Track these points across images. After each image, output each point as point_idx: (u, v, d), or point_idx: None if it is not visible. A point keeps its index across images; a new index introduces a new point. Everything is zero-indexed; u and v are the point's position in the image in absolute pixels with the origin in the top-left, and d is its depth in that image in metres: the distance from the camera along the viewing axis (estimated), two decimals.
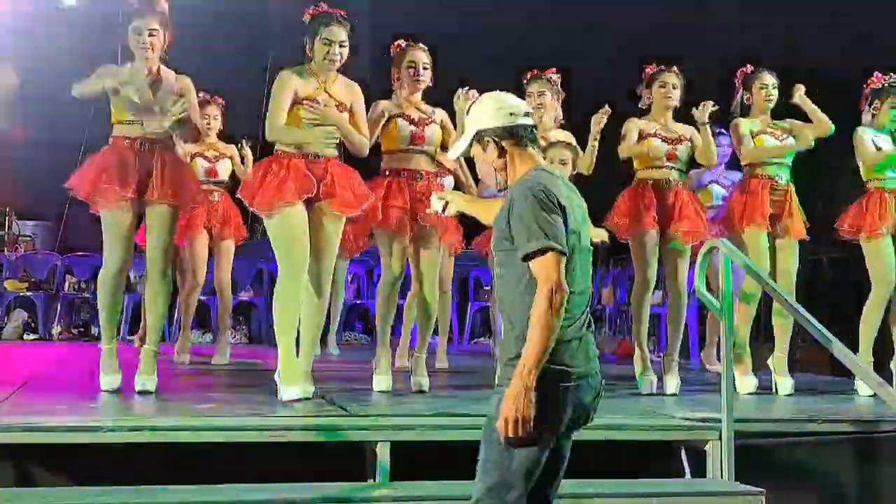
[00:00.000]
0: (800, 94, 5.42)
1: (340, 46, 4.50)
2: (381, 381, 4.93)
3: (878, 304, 5.44)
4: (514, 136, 2.83)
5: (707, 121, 5.22)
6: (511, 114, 2.83)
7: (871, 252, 5.46)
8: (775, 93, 5.48)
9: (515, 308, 2.70)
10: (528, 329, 2.59)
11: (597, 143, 5.12)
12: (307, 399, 4.34)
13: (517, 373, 2.57)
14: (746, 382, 5.29)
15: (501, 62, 8.51)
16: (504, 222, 2.72)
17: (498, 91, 2.98)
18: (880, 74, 5.61)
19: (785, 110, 5.58)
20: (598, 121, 5.10)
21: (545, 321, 2.57)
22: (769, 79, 5.47)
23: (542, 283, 2.60)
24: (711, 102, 5.25)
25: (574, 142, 5.16)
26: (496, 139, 2.83)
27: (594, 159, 5.12)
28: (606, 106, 5.14)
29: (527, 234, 2.64)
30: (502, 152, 2.84)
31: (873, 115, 5.59)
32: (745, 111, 5.55)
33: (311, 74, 4.53)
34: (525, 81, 5.37)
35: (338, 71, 4.59)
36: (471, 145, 2.90)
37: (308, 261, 4.42)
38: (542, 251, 2.61)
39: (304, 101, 4.44)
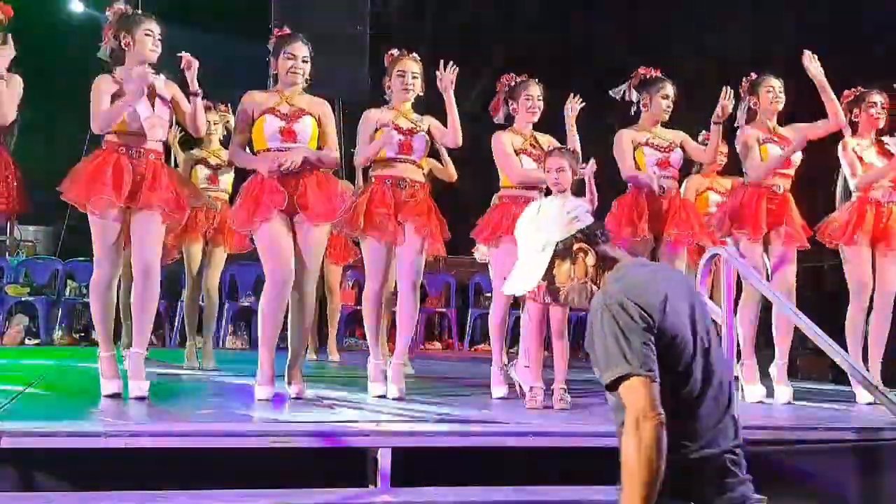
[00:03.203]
0: (815, 66, 5.27)
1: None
2: (375, 387, 4.94)
3: (857, 313, 5.40)
4: (594, 237, 2.47)
5: (722, 121, 5.22)
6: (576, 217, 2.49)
7: (847, 260, 5.45)
8: (782, 96, 5.45)
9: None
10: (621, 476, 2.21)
11: (575, 133, 5.13)
12: (299, 398, 4.55)
13: None
14: (754, 391, 5.25)
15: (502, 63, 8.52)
16: (590, 343, 2.38)
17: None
18: (849, 90, 5.61)
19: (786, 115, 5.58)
20: (570, 111, 5.12)
21: (635, 463, 2.19)
22: (776, 82, 5.45)
23: (628, 414, 2.25)
24: (728, 103, 5.22)
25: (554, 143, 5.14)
26: (585, 245, 2.44)
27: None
28: (572, 95, 5.15)
29: (605, 358, 2.30)
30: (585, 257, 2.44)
31: (854, 126, 5.59)
32: (752, 117, 5.51)
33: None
34: (513, 85, 5.22)
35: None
36: (549, 268, 2.48)
37: (293, 272, 4.56)
38: (625, 378, 2.28)
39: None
